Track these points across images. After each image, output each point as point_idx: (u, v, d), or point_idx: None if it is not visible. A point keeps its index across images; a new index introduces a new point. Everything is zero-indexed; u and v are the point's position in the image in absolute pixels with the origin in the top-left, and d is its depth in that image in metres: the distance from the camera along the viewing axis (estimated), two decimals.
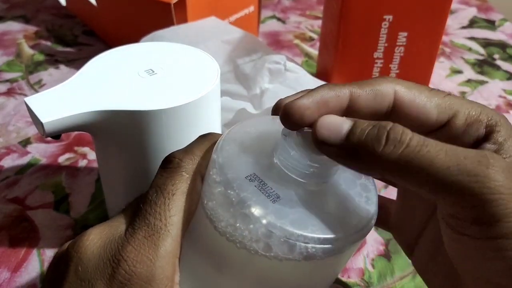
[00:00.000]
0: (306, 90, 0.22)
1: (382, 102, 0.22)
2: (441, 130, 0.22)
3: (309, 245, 0.19)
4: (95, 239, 0.21)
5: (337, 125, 0.20)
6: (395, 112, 0.22)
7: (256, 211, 0.19)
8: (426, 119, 0.22)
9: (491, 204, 0.17)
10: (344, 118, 0.20)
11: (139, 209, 0.21)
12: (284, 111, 0.21)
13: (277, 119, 0.23)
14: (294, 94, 0.22)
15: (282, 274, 0.21)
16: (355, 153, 0.19)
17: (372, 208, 0.21)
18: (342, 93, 0.21)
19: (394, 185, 0.28)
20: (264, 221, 0.19)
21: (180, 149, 0.23)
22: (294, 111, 0.21)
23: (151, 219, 0.21)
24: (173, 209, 0.21)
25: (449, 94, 0.23)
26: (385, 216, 0.28)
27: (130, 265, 0.20)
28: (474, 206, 0.18)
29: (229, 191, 0.19)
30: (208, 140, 0.23)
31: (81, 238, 0.21)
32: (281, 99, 0.23)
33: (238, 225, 0.19)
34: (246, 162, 0.21)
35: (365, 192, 0.22)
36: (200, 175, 0.22)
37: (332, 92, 0.21)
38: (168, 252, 0.20)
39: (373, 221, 0.21)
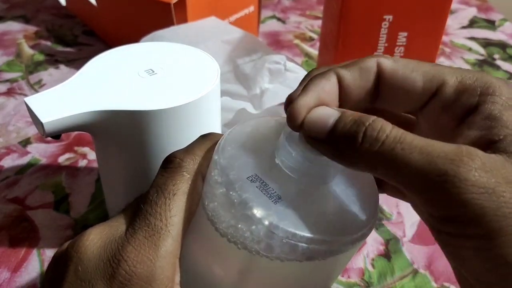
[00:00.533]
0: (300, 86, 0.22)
1: (368, 78, 0.22)
2: (433, 101, 0.21)
3: (311, 246, 0.19)
4: (95, 239, 0.21)
5: (323, 121, 0.20)
6: (381, 86, 0.22)
7: (258, 212, 0.19)
8: (411, 89, 0.21)
9: (462, 204, 0.17)
10: (331, 112, 0.20)
11: (139, 209, 0.21)
12: (289, 115, 0.21)
13: (278, 119, 0.23)
14: (295, 90, 0.22)
15: (283, 275, 0.21)
16: (339, 148, 0.19)
17: (373, 209, 0.21)
18: (332, 79, 0.21)
19: None
20: (266, 222, 0.19)
21: (180, 149, 0.23)
22: (300, 111, 0.20)
23: (152, 219, 0.21)
24: (174, 209, 0.21)
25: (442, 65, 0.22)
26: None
27: (130, 265, 0.20)
28: (446, 206, 0.17)
29: (231, 192, 0.19)
30: (209, 140, 0.23)
31: (80, 238, 0.21)
32: (290, 96, 0.22)
33: (240, 226, 0.19)
34: (247, 163, 0.21)
35: (366, 193, 0.22)
36: (201, 175, 0.22)
37: (325, 81, 0.21)
38: (168, 253, 0.20)
39: (374, 222, 0.21)
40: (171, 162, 0.22)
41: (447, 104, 0.21)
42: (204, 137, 0.23)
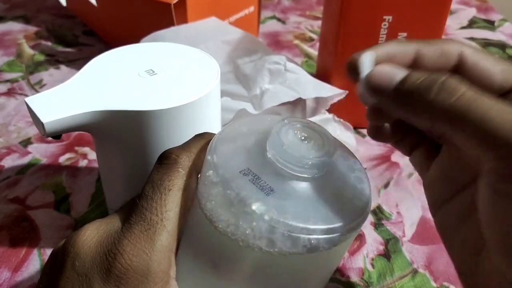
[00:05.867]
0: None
1: (447, 62, 0.23)
2: (508, 96, 0.22)
3: (312, 237, 0.19)
4: (92, 234, 0.21)
5: (390, 74, 0.21)
6: (459, 72, 0.23)
7: (257, 208, 0.19)
8: (488, 82, 0.22)
9: None
10: (398, 70, 0.21)
11: (135, 204, 0.21)
12: (349, 62, 0.22)
13: (270, 116, 0.23)
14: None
15: (285, 269, 0.21)
16: (406, 100, 0.20)
17: (366, 197, 0.22)
18: (408, 49, 0.23)
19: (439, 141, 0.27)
20: (266, 217, 0.19)
21: (176, 146, 0.23)
22: (364, 56, 0.22)
23: (147, 214, 0.21)
24: (169, 205, 0.21)
25: None
26: (424, 168, 0.28)
27: (126, 259, 0.20)
28: None
29: (228, 191, 0.20)
30: (203, 139, 0.24)
31: (77, 233, 0.21)
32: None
33: (240, 223, 0.19)
34: (240, 159, 0.21)
35: (358, 184, 0.22)
36: (195, 172, 0.22)
37: (398, 47, 0.23)
38: (164, 247, 0.21)
39: (369, 208, 0.22)
40: (167, 158, 0.22)
41: None
42: (199, 136, 0.24)
